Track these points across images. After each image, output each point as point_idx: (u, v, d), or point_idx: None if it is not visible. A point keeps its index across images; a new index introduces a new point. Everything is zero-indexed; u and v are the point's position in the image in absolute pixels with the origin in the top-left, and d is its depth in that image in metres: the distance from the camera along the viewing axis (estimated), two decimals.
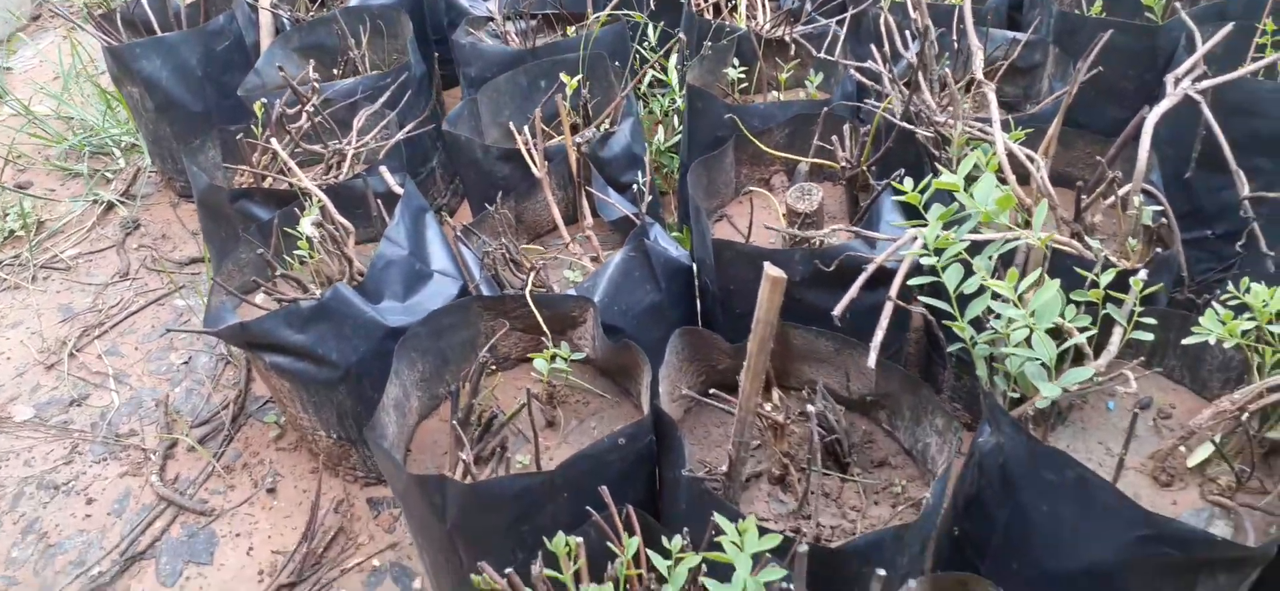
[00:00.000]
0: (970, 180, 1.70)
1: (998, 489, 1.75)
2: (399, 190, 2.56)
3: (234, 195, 2.70)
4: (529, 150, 2.46)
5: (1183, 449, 1.77)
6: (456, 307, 2.12)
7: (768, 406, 1.89)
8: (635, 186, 2.45)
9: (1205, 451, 1.72)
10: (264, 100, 2.88)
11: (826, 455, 1.95)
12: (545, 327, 2.10)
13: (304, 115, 2.68)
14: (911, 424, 1.92)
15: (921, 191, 1.72)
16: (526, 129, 2.49)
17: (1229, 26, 2.09)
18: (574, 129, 2.54)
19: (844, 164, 2.36)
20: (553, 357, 1.96)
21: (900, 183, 1.83)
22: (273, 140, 2.58)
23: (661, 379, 1.92)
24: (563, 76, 2.50)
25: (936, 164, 2.30)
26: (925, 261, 1.68)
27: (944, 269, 1.65)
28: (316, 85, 2.77)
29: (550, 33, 3.52)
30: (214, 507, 2.70)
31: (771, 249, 2.19)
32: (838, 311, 1.65)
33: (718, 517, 1.26)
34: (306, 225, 2.20)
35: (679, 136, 3.30)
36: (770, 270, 1.36)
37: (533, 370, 1.99)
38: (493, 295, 2.15)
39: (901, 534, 1.59)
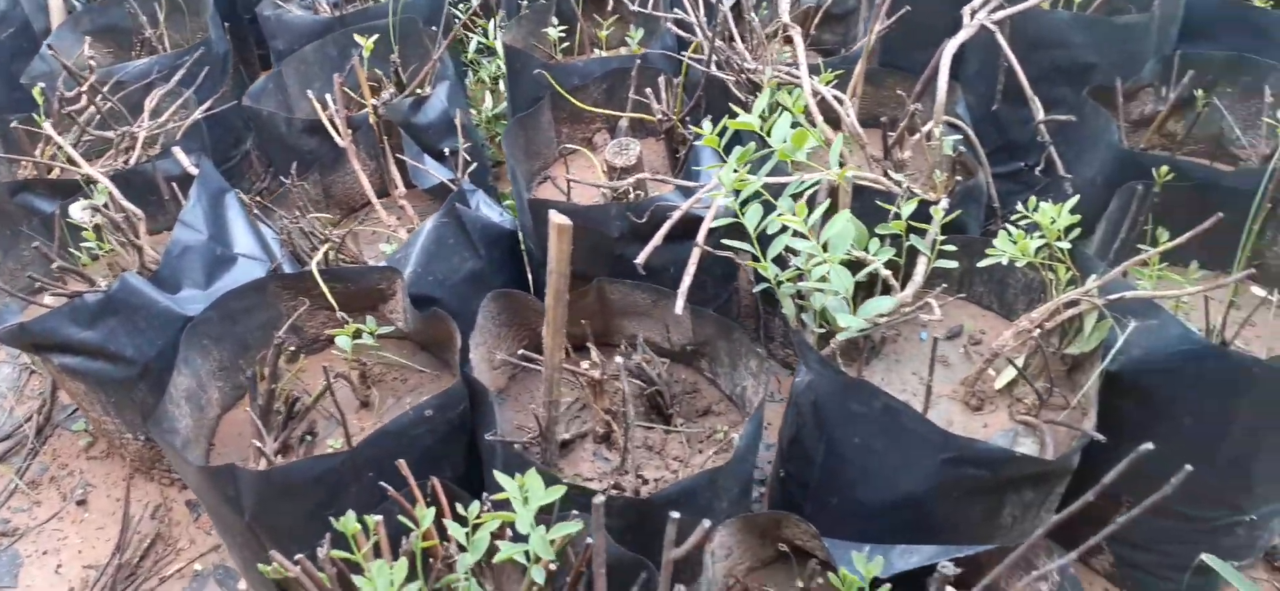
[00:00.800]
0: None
1: (813, 427, 1.75)
2: (194, 170, 2.38)
3: (12, 188, 2.46)
4: (331, 120, 2.33)
5: (991, 372, 1.80)
6: (250, 289, 1.99)
7: (584, 364, 1.83)
8: (447, 151, 2.35)
9: (1011, 373, 1.76)
10: (43, 86, 2.65)
11: (650, 408, 1.91)
12: (332, 301, 1.98)
13: (83, 99, 2.47)
14: (730, 369, 1.90)
15: (720, 134, 1.68)
16: (328, 97, 2.35)
17: None
18: (375, 92, 2.41)
19: (660, 117, 2.32)
20: (356, 334, 1.86)
21: (706, 130, 1.80)
22: (51, 128, 2.36)
23: (474, 345, 1.85)
24: (357, 38, 2.37)
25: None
26: (728, 204, 1.65)
27: (743, 209, 1.62)
28: (93, 66, 2.55)
29: (357, 2, 3.37)
30: (17, 527, 2.49)
31: (588, 206, 2.13)
32: (640, 259, 1.60)
33: (498, 475, 1.20)
34: (77, 212, 2.02)
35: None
36: (555, 218, 1.30)
37: (335, 349, 1.88)
38: (291, 273, 2.02)
39: (715, 477, 1.56)
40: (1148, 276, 1.79)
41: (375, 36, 2.45)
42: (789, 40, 2.28)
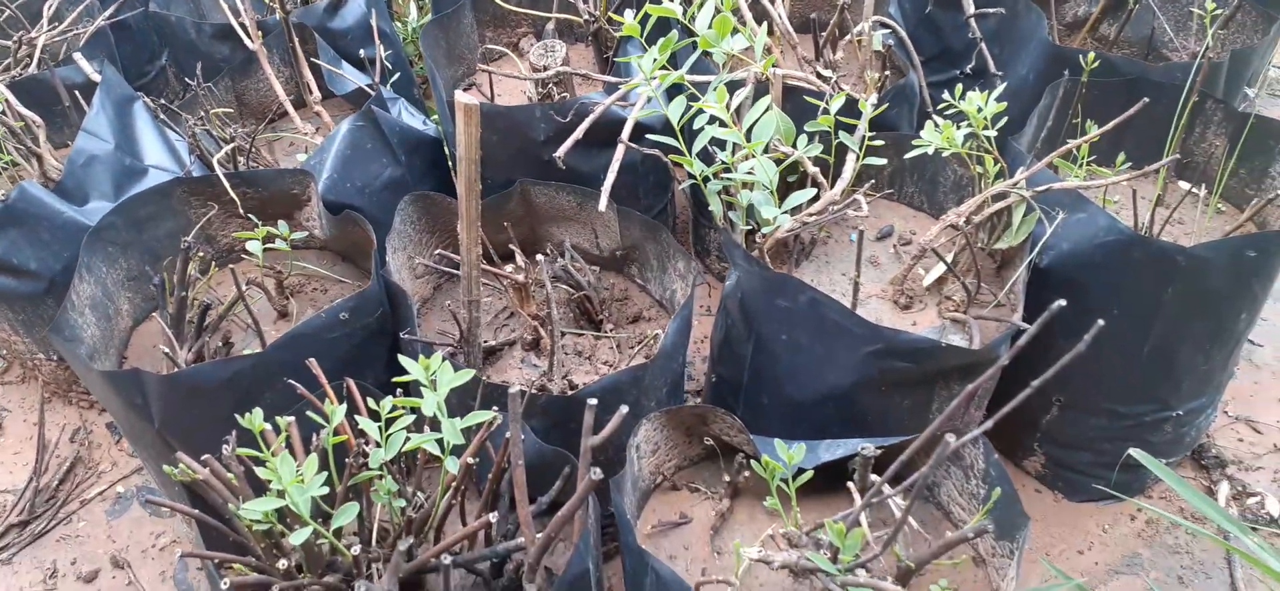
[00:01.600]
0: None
1: (741, 326, 1.72)
2: (96, 76, 2.26)
3: None
4: (242, 24, 2.22)
5: (920, 270, 1.78)
6: (154, 194, 1.89)
7: (509, 268, 1.78)
8: (365, 57, 2.25)
9: (939, 270, 1.75)
10: None
11: (579, 314, 1.88)
12: (237, 201, 1.90)
13: None
14: (659, 273, 1.87)
15: (640, 22, 1.62)
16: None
17: None
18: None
19: (587, 17, 2.24)
20: (268, 238, 1.78)
21: (628, 8, 1.73)
22: None
23: (392, 250, 1.78)
24: None
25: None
26: (651, 97, 1.59)
27: (668, 104, 1.57)
28: None
29: None
30: None
31: (511, 107, 2.06)
32: (561, 153, 1.55)
33: (402, 359, 1.15)
34: None
35: None
36: (460, 97, 1.24)
37: (246, 254, 1.80)
38: (198, 177, 1.93)
39: (640, 375, 1.53)
40: (1076, 171, 1.78)
41: None
42: None
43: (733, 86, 1.77)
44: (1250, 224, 1.73)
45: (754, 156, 1.50)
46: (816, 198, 1.77)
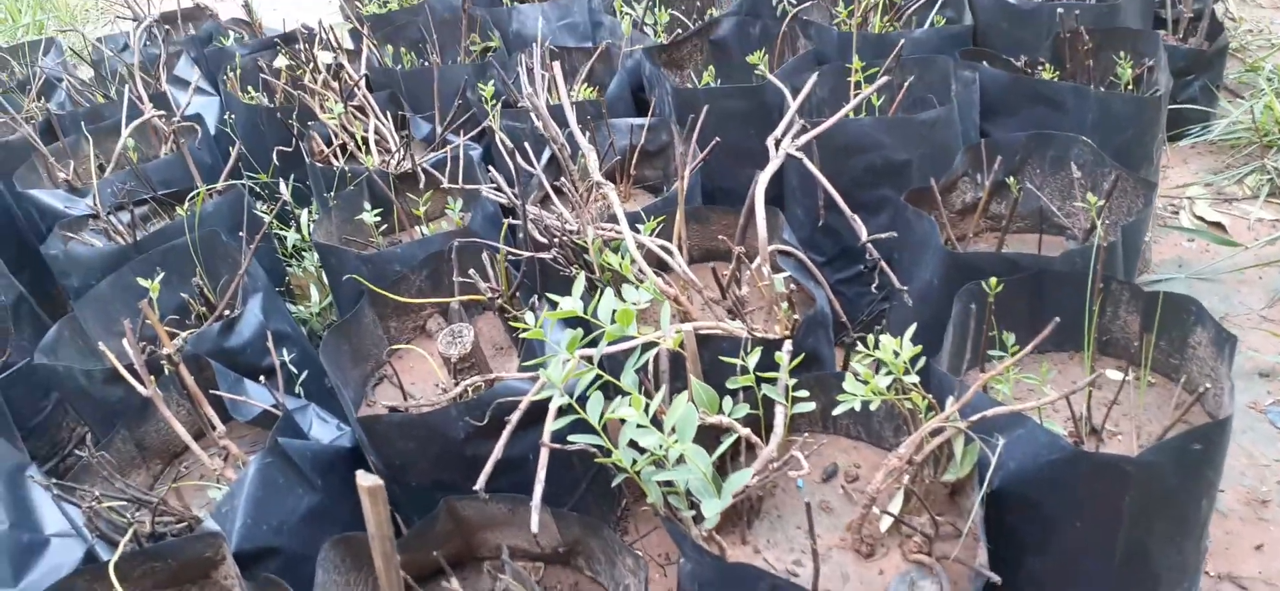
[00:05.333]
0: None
1: None
2: None
3: None
4: (129, 368, 2.11)
5: (876, 512, 1.72)
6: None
7: None
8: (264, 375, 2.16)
9: (896, 510, 1.69)
10: None
11: None
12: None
13: None
14: (608, 566, 1.77)
15: (541, 325, 1.58)
16: (124, 342, 2.13)
17: (813, 77, 2.14)
18: (184, 324, 2.21)
19: (490, 294, 2.20)
20: None
21: (531, 312, 1.69)
22: None
23: None
24: (140, 280, 2.18)
25: (590, 273, 2.20)
26: (562, 401, 1.53)
27: (585, 402, 1.51)
28: None
29: (161, 218, 3.15)
30: None
31: (427, 414, 1.98)
32: (479, 484, 1.46)
33: None
34: None
35: None
36: (362, 480, 1.16)
37: None
38: (98, 565, 1.78)
39: None
40: (1004, 381, 1.76)
41: (161, 275, 2.26)
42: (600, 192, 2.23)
43: (645, 351, 1.73)
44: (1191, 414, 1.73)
45: (683, 447, 1.44)
46: (753, 454, 1.71)
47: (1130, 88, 2.80)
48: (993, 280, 1.76)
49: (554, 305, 1.57)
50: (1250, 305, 2.75)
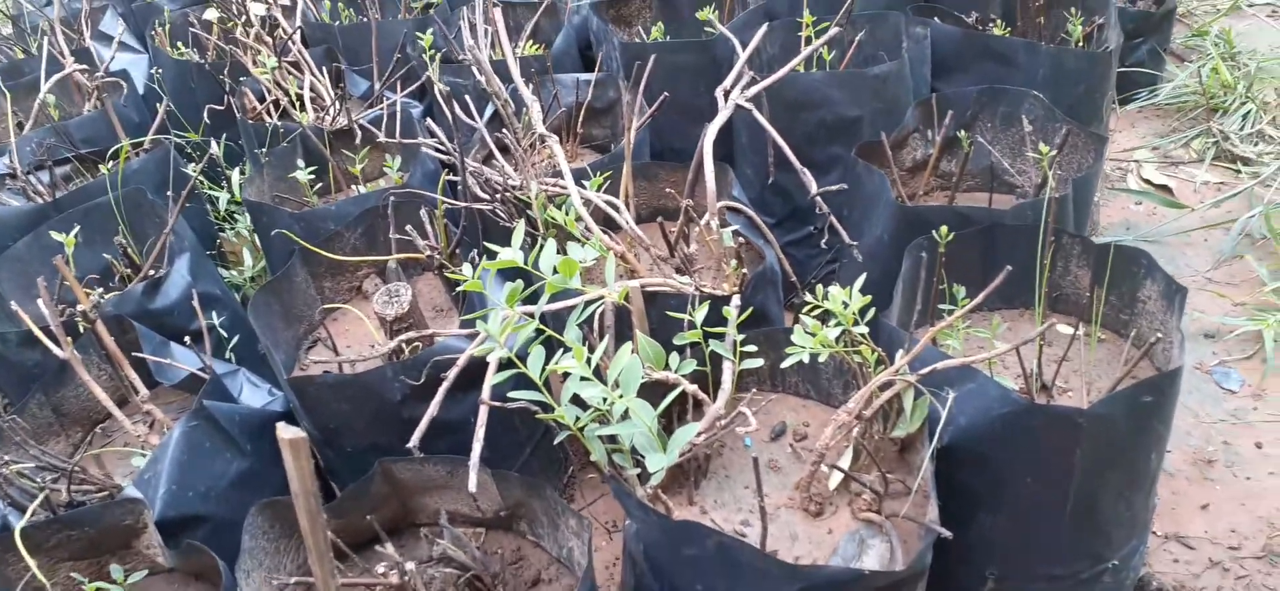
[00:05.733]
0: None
1: (650, 576, 1.57)
2: None
3: None
4: (45, 329, 1.99)
5: (825, 469, 1.68)
6: None
7: (381, 568, 1.59)
8: (188, 339, 2.06)
9: (840, 473, 1.65)
10: None
11: None
12: (35, 568, 1.65)
13: None
14: (551, 529, 1.71)
15: (483, 275, 1.50)
16: (40, 303, 2.01)
17: (763, 28, 2.08)
18: (108, 283, 2.09)
19: (428, 252, 2.12)
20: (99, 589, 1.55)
21: (469, 264, 1.61)
22: None
23: (244, 573, 1.56)
24: (55, 234, 2.06)
25: (531, 226, 2.12)
26: (502, 355, 1.46)
27: (526, 357, 1.44)
28: None
29: (84, 177, 3.00)
30: None
31: (362, 373, 1.89)
32: (414, 441, 1.39)
33: None
34: None
35: None
36: (283, 431, 1.08)
37: None
38: (8, 534, 1.68)
39: None
40: (954, 335, 1.72)
41: (77, 229, 2.14)
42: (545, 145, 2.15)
43: (589, 305, 1.67)
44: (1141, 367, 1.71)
45: (628, 401, 1.38)
46: (701, 412, 1.66)
47: (1081, 44, 2.78)
48: (944, 230, 1.72)
49: (492, 257, 1.50)
50: (1196, 267, 2.76)
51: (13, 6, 4.06)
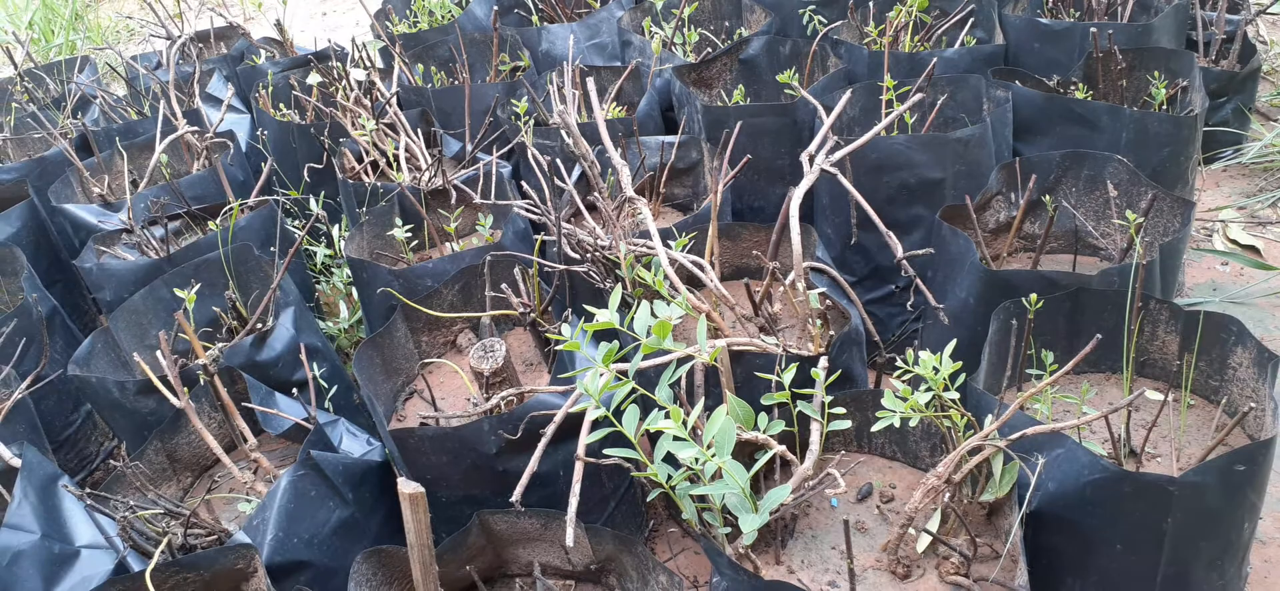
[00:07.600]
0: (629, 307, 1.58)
1: None
2: (15, 462, 2.13)
3: None
4: (163, 379, 2.12)
5: (912, 531, 1.70)
6: None
7: None
8: (295, 389, 2.17)
9: (929, 535, 1.67)
10: None
11: None
12: None
13: None
14: (640, 585, 1.75)
15: (579, 335, 1.57)
16: (158, 354, 2.15)
17: (847, 93, 2.13)
18: (216, 336, 2.22)
19: (522, 310, 2.20)
20: None
21: (566, 324, 1.69)
22: None
23: None
24: (177, 291, 2.19)
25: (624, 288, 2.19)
26: (598, 413, 1.53)
27: (620, 416, 1.50)
28: None
29: (194, 233, 3.18)
30: None
31: (459, 427, 1.97)
32: (516, 495, 1.46)
33: None
34: None
35: None
36: (404, 487, 1.16)
37: None
38: (132, 575, 1.79)
39: None
40: (1042, 400, 1.74)
41: (196, 287, 2.28)
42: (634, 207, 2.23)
43: (680, 365, 1.72)
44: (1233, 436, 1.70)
45: (721, 468, 1.43)
46: (788, 471, 1.70)
47: (1164, 108, 2.78)
48: (1032, 297, 1.74)
49: (588, 318, 1.57)
50: None
51: (128, 71, 4.31)
